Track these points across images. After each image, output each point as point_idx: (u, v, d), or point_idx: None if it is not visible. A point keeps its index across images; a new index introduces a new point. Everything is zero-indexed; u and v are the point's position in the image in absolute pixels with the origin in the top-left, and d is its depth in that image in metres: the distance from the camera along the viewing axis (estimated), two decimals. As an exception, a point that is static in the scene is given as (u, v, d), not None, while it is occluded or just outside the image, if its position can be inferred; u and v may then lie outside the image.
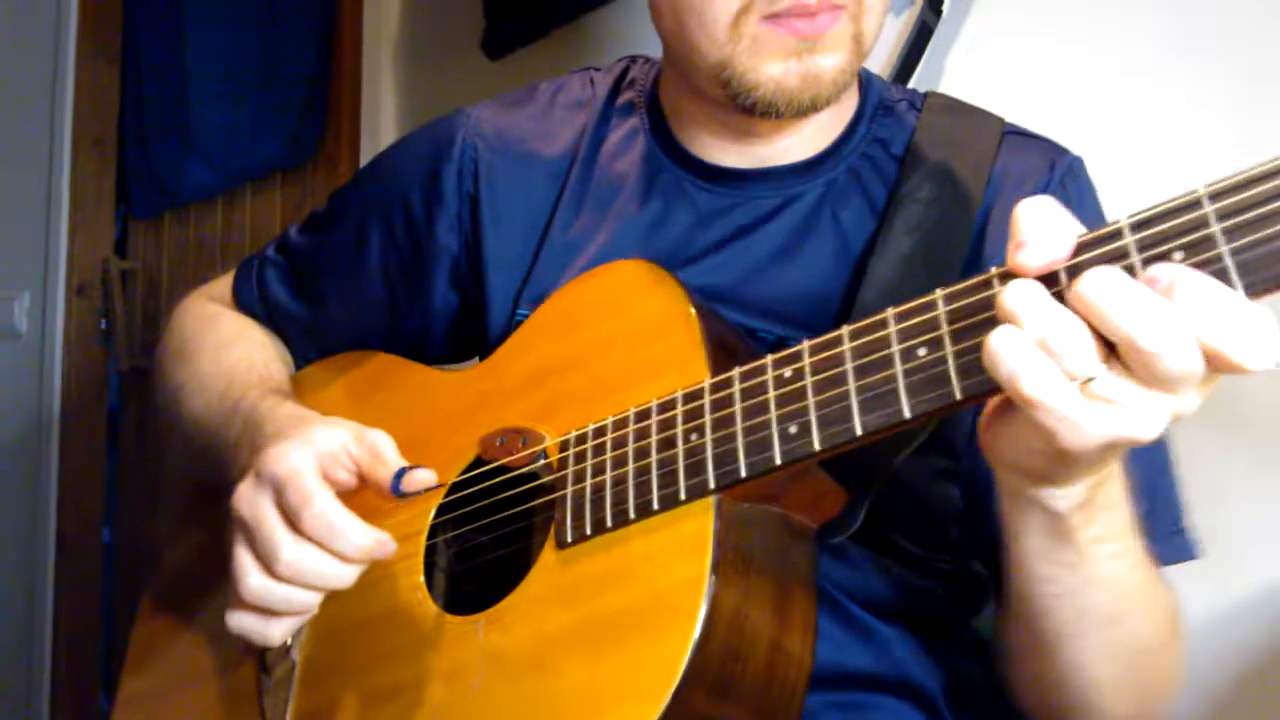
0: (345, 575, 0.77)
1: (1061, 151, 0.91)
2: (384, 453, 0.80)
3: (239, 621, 0.80)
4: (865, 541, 0.82)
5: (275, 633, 0.80)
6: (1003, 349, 0.55)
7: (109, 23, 2.62)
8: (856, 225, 0.89)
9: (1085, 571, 0.69)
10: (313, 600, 0.79)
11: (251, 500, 0.79)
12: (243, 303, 1.11)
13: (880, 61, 1.32)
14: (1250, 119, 1.07)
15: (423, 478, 0.79)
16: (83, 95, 2.58)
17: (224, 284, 1.13)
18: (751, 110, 0.84)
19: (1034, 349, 0.54)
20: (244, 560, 0.79)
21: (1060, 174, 0.89)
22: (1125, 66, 1.15)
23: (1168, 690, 0.79)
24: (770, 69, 0.82)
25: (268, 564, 0.77)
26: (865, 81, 0.95)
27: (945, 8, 1.27)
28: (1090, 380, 0.54)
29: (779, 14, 0.81)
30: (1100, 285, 0.53)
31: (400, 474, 0.79)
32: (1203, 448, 0.92)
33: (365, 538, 0.76)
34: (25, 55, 2.62)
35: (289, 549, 0.76)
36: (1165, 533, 0.83)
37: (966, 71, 1.28)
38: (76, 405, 2.57)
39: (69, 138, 2.56)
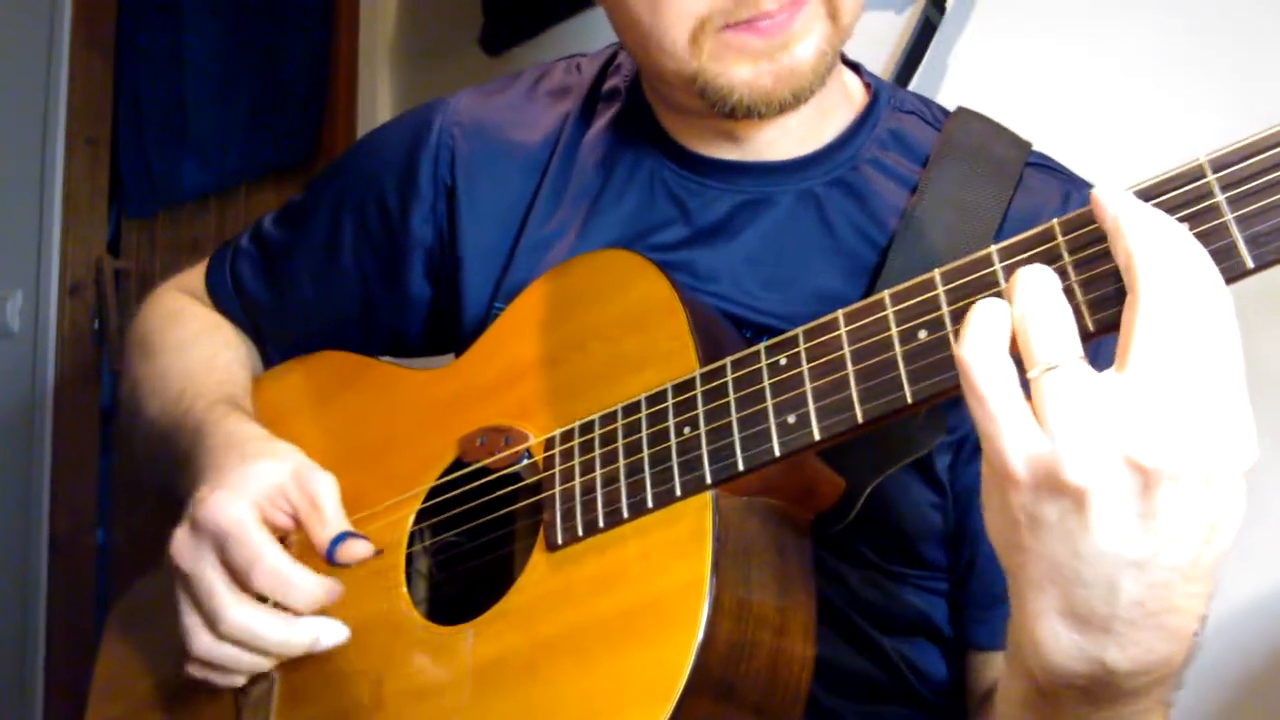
0: (286, 641, 0.78)
1: (1081, 185, 0.86)
2: (324, 507, 0.80)
3: (197, 673, 0.81)
4: (842, 554, 0.81)
5: (237, 680, 0.82)
6: (974, 321, 0.53)
7: (103, 15, 2.61)
8: (855, 233, 0.85)
9: None
10: (261, 662, 0.80)
11: (191, 554, 0.79)
12: (215, 294, 1.07)
13: (883, 58, 1.31)
14: (1250, 119, 1.05)
15: (359, 550, 0.79)
16: (77, 92, 2.57)
17: (196, 274, 1.09)
18: (731, 115, 0.80)
19: (1004, 335, 0.52)
20: (188, 621, 0.80)
21: (1075, 207, 0.85)
22: (1125, 67, 1.14)
23: None
24: (740, 72, 0.77)
25: (211, 625, 0.78)
26: (875, 90, 0.91)
27: (948, 4, 1.27)
28: (1051, 369, 0.51)
29: (738, 23, 0.76)
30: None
31: (338, 540, 0.79)
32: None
33: (318, 588, 0.78)
34: (19, 50, 2.61)
35: (232, 611, 0.77)
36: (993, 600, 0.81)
37: (970, 68, 1.27)
38: (70, 405, 2.56)
39: (63, 135, 2.56)
